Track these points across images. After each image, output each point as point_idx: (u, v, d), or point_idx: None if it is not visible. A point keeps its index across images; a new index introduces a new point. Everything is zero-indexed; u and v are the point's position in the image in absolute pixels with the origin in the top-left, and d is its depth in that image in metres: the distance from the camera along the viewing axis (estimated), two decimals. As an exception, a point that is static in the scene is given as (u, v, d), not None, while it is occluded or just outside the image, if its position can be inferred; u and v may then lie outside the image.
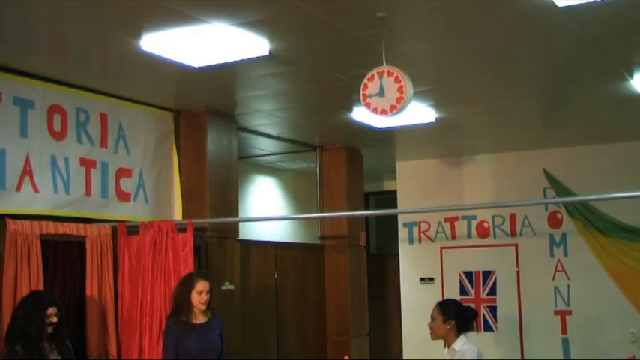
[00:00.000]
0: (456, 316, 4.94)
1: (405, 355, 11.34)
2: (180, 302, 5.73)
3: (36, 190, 6.24)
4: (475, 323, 5.06)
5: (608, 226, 10.26)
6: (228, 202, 8.14)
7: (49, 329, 5.22)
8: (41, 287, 5.91)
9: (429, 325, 5.03)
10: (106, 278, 6.54)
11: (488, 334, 10.84)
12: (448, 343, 4.93)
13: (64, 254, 7.10)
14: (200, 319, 5.75)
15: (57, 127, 6.48)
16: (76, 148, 6.65)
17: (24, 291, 5.70)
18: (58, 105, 6.50)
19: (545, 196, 10.62)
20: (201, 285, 5.71)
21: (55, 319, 5.23)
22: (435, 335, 5.00)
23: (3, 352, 5.19)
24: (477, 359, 4.83)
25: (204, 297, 5.68)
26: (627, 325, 9.45)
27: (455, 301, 5.16)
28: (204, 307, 5.73)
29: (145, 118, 7.47)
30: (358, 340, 10.23)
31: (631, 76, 6.82)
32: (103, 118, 6.97)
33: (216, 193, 7.89)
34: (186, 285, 5.79)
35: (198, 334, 5.65)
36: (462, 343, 4.88)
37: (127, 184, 7.21)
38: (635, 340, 8.65)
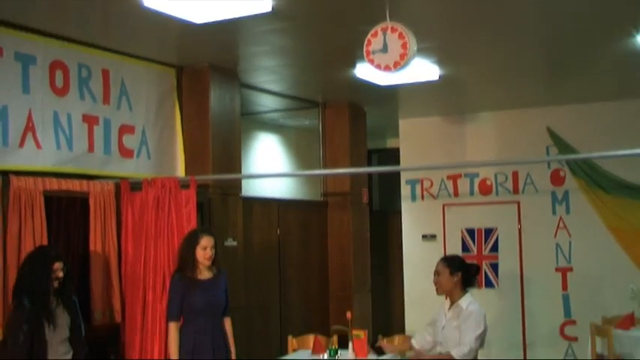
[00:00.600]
0: (462, 269, 4.94)
1: (407, 311, 11.42)
2: (185, 258, 5.75)
3: (39, 146, 6.24)
4: (477, 279, 5.06)
5: (610, 183, 10.26)
6: (231, 158, 8.13)
7: (55, 284, 5.26)
8: (45, 243, 5.95)
9: (434, 281, 5.02)
10: (110, 235, 6.57)
11: (489, 290, 10.90)
12: (453, 300, 4.91)
13: (67, 211, 7.11)
14: (205, 275, 5.77)
15: (59, 83, 6.45)
16: (79, 105, 6.63)
17: (28, 247, 5.73)
18: (60, 61, 6.46)
19: (548, 154, 10.61)
20: (206, 241, 5.72)
21: (61, 274, 5.28)
22: (441, 290, 4.99)
23: (10, 307, 5.23)
24: (485, 322, 4.83)
25: (209, 253, 5.70)
26: (627, 282, 9.47)
27: (457, 255, 5.17)
28: (208, 263, 5.75)
29: (148, 75, 7.44)
30: (360, 296, 10.30)
31: (637, 31, 6.75)
32: (105, 74, 6.93)
33: (219, 149, 7.88)
34: (190, 241, 5.81)
35: (203, 289, 5.68)
36: (468, 302, 4.86)
37: (130, 141, 7.20)
38: (634, 296, 8.68)
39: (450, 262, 4.98)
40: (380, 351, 5.24)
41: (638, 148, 6.90)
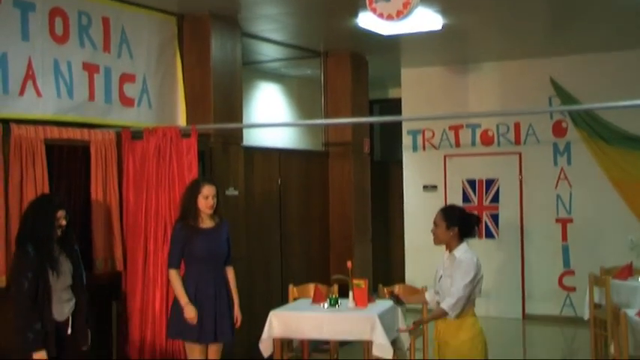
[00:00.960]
0: (460, 223, 4.94)
1: (407, 260, 11.50)
2: (187, 207, 5.76)
3: (39, 94, 6.20)
4: (477, 229, 5.06)
5: (612, 135, 10.25)
6: (233, 108, 8.10)
7: (59, 232, 5.28)
8: (47, 191, 5.95)
9: (432, 231, 5.02)
10: (111, 183, 6.57)
11: (489, 241, 10.96)
12: (450, 249, 4.95)
13: (68, 160, 7.11)
14: (207, 223, 5.79)
15: (59, 30, 6.38)
16: (79, 53, 6.58)
17: (30, 195, 5.74)
18: (60, 8, 6.39)
19: (550, 105, 10.57)
20: (207, 190, 5.73)
21: (64, 222, 5.29)
22: (438, 241, 5.00)
23: (14, 254, 5.26)
24: (475, 269, 4.85)
25: (210, 202, 5.71)
26: (627, 233, 9.53)
27: (458, 207, 5.15)
28: (210, 212, 5.76)
29: (149, 23, 7.36)
30: (361, 245, 10.35)
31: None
32: (106, 22, 6.86)
33: (220, 98, 7.84)
34: (192, 190, 5.82)
35: (205, 238, 5.70)
36: (462, 251, 4.89)
37: (131, 90, 7.16)
38: (634, 247, 8.74)
39: (448, 215, 4.95)
40: (397, 299, 5.26)
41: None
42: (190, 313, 5.61)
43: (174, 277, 5.69)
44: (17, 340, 5.10)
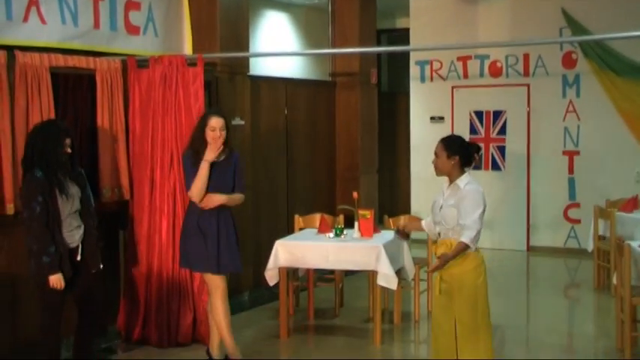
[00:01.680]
0: (460, 152, 4.93)
1: (413, 191, 11.53)
2: (197, 139, 5.68)
3: (43, 21, 6.14)
4: (477, 157, 5.04)
5: (623, 66, 10.14)
6: (239, 36, 8.01)
7: (64, 159, 5.28)
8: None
9: (433, 162, 5.01)
10: (117, 112, 6.55)
11: (495, 173, 10.96)
12: (451, 180, 4.95)
13: (74, 88, 7.08)
14: (217, 156, 5.73)
15: (63, -45, 6.29)
16: (83, -21, 6.49)
17: (35, 122, 5.72)
18: None
19: (561, 36, 10.43)
20: (214, 121, 5.67)
21: (69, 150, 5.28)
22: (439, 172, 4.99)
23: (23, 179, 5.28)
24: (484, 200, 4.85)
25: (217, 133, 5.66)
26: (634, 165, 9.52)
27: (459, 137, 5.12)
28: (219, 144, 5.69)
29: (153, -53, 7.24)
30: (367, 177, 10.36)
31: None
32: (110, -53, 6.75)
33: (226, 27, 7.75)
34: (201, 122, 5.74)
35: (214, 170, 5.66)
36: (466, 182, 4.87)
37: (136, 17, 7.07)
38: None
39: (449, 145, 4.94)
40: (401, 233, 5.25)
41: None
42: (211, 152, 5.59)
43: (193, 185, 5.60)
44: (33, 264, 5.17)
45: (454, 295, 4.85)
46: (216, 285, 5.66)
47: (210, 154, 5.59)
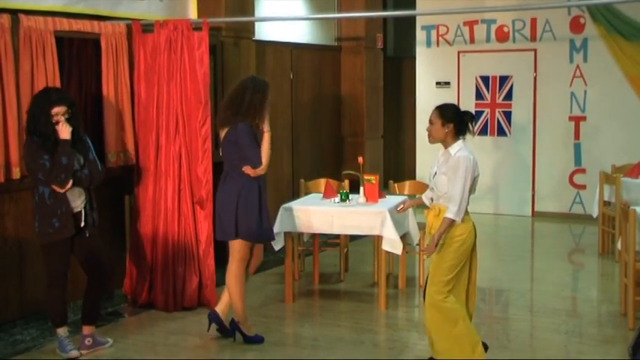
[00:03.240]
0: (454, 120, 4.96)
1: (418, 157, 11.52)
2: (261, 110, 5.50)
3: (47, -16, 6.11)
4: (472, 127, 5.07)
5: (631, 30, 10.04)
6: (244, 1, 7.97)
7: (57, 127, 5.23)
8: (57, 83, 5.93)
9: (427, 129, 5.06)
10: (122, 76, 6.54)
11: (501, 138, 10.94)
12: (445, 146, 4.99)
13: (79, 52, 7.06)
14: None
15: None
16: (87, -58, 6.43)
17: (40, 86, 5.72)
18: None
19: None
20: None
21: (61, 119, 5.19)
22: (433, 139, 5.04)
23: (25, 143, 5.29)
24: (472, 169, 4.87)
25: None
26: (640, 131, 9.49)
27: (453, 104, 5.14)
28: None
29: None
30: (372, 142, 10.37)
31: None
32: None
33: (231, -9, 7.72)
34: (262, 93, 5.44)
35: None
36: (457, 149, 4.93)
37: (141, -19, 7.04)
38: (647, 146, 8.73)
39: (443, 113, 4.98)
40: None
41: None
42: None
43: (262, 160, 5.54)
44: (43, 225, 5.22)
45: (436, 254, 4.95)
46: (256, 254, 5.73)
47: (268, 125, 5.54)
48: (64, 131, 5.16)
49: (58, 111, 5.17)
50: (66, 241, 5.26)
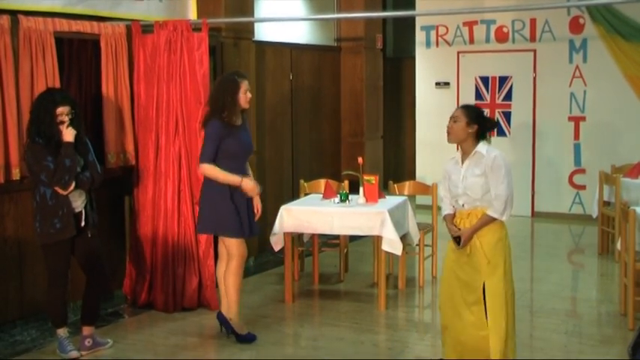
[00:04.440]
0: (479, 122, 4.77)
1: (418, 157, 11.52)
2: (229, 104, 5.53)
3: (47, -15, 6.10)
4: (491, 134, 4.93)
5: (631, 30, 10.04)
6: (244, 1, 7.98)
7: (61, 128, 5.24)
8: (57, 84, 5.93)
9: (448, 126, 4.80)
10: (122, 77, 6.54)
11: (501, 139, 10.92)
12: (465, 150, 4.79)
13: (79, 53, 7.06)
14: (238, 121, 5.68)
15: None
16: (86, -57, 6.43)
17: (40, 87, 5.72)
18: None
19: (568, 0, 10.34)
20: (246, 84, 5.62)
21: (65, 118, 5.21)
22: (454, 138, 4.79)
23: (27, 146, 5.28)
24: (509, 168, 4.78)
25: (249, 96, 5.62)
26: (640, 131, 9.50)
27: (478, 107, 4.97)
28: (248, 106, 5.66)
29: None
30: (372, 142, 10.37)
31: None
32: None
33: (231, -8, 7.72)
34: (232, 87, 5.59)
35: (239, 135, 5.59)
36: (487, 148, 4.76)
37: (140, -18, 7.04)
38: (646, 146, 8.73)
39: (470, 112, 4.76)
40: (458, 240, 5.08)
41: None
42: (249, 183, 5.58)
43: (212, 167, 5.53)
44: (44, 225, 5.22)
45: (481, 265, 4.76)
46: (241, 252, 5.72)
47: (249, 187, 5.61)
48: (68, 134, 5.18)
49: (63, 111, 5.19)
50: (67, 241, 5.27)
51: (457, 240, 4.81)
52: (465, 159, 4.81)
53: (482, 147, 4.78)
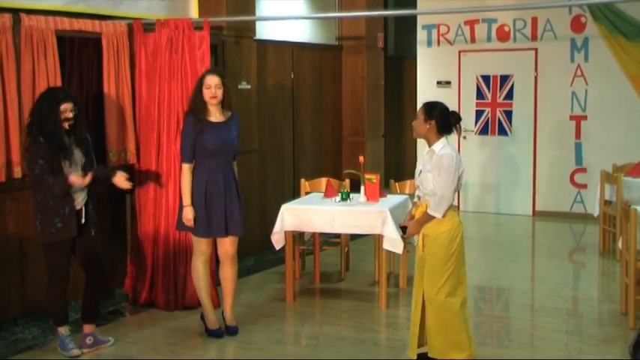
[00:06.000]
0: (438, 117, 4.99)
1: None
2: (195, 100, 5.70)
3: (48, -16, 6.11)
4: (458, 127, 5.07)
5: (633, 29, 10.04)
6: (245, 0, 7.97)
7: (66, 125, 5.26)
8: (59, 83, 5.94)
9: (412, 123, 5.12)
10: (123, 76, 6.54)
11: (502, 137, 10.95)
12: (429, 144, 5.02)
13: (80, 51, 7.06)
14: (218, 117, 5.72)
15: None
16: (88, -59, 6.43)
17: (42, 86, 5.73)
18: None
19: (569, -1, 10.35)
20: (210, 79, 5.63)
21: (70, 115, 5.25)
22: (416, 134, 5.09)
23: (27, 144, 5.29)
24: (456, 165, 4.89)
25: (213, 91, 5.61)
26: (641, 130, 9.50)
27: (441, 103, 5.14)
28: (214, 102, 5.66)
29: None
30: (373, 141, 10.37)
31: None
32: None
33: (232, -10, 7.73)
34: (198, 83, 5.74)
35: (215, 131, 5.66)
36: (441, 146, 4.96)
37: (142, -20, 7.04)
38: (648, 145, 8.73)
39: (427, 109, 5.03)
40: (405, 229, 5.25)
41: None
42: (188, 214, 5.65)
43: (185, 173, 5.65)
44: (44, 225, 5.23)
45: (426, 252, 5.02)
46: (229, 243, 5.75)
47: (187, 218, 5.70)
48: (79, 180, 5.23)
49: (67, 107, 5.23)
50: (68, 240, 5.27)
51: (404, 229, 5.16)
52: (427, 153, 5.07)
53: (438, 144, 5.00)
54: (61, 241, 5.25)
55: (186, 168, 5.68)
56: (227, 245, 5.77)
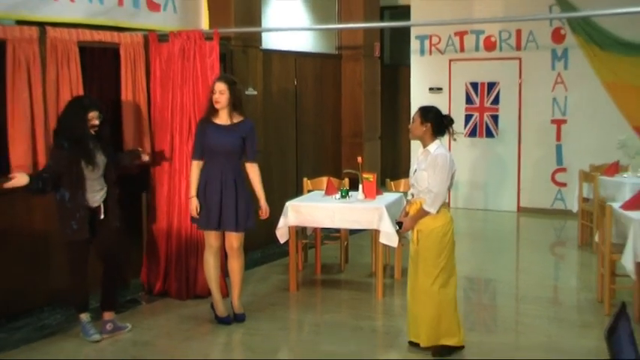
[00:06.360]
0: (433, 120, 5.00)
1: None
2: (207, 104, 5.74)
3: (72, -1, 6.12)
4: (451, 130, 5.09)
5: (607, 41, 10.07)
6: (252, 12, 7.99)
7: (92, 131, 5.29)
8: (80, 90, 5.96)
9: (409, 126, 5.14)
10: (139, 83, 6.55)
11: (489, 139, 10.96)
12: (424, 146, 5.04)
13: (100, 61, 7.08)
14: (224, 120, 5.70)
15: (88, -63, 6.24)
16: (107, -41, 6.45)
17: (65, 94, 5.76)
18: None
19: (550, 13, 10.35)
20: (215, 86, 5.65)
21: (96, 122, 5.28)
22: (412, 135, 5.11)
23: (51, 146, 5.31)
24: (449, 165, 4.90)
25: (217, 96, 5.62)
26: (616, 133, 9.48)
27: (435, 107, 5.15)
28: (218, 107, 5.66)
29: None
30: (371, 143, 10.37)
31: None
32: None
33: (240, 4, 7.74)
34: (211, 89, 5.77)
35: (217, 133, 5.63)
36: (436, 147, 4.98)
37: (157, -5, 7.05)
38: (621, 146, 8.71)
39: (423, 112, 5.06)
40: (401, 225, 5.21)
41: (634, 6, 6.70)
42: (191, 205, 5.72)
43: (192, 168, 5.74)
44: (63, 225, 5.26)
45: (420, 246, 5.02)
46: (233, 238, 5.75)
47: (190, 207, 5.78)
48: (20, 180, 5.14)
49: (93, 115, 5.26)
50: (83, 239, 5.29)
51: (400, 225, 5.16)
52: (422, 153, 5.08)
53: (433, 145, 5.02)
54: (76, 240, 5.27)
55: (194, 164, 5.72)
56: (232, 240, 5.78)
